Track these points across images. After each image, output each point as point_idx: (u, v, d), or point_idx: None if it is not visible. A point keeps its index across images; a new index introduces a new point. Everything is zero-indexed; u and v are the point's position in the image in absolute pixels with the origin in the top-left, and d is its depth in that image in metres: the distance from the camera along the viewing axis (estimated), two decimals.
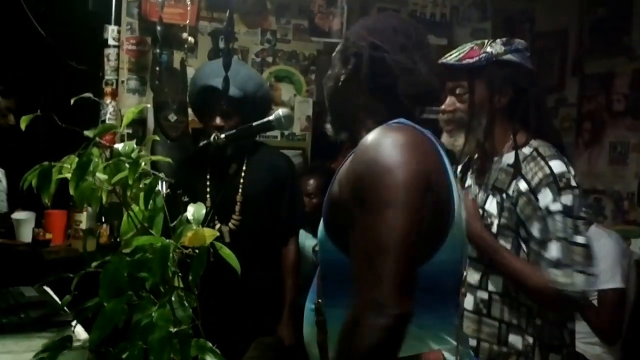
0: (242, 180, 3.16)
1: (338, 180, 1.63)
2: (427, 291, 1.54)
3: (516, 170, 2.23)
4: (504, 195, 2.25)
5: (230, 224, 3.12)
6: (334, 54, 1.82)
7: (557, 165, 2.19)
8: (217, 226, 3.10)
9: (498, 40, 2.33)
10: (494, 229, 2.26)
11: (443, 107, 2.33)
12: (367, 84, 1.72)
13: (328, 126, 1.86)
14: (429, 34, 5.00)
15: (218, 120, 3.11)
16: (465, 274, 1.79)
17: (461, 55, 2.31)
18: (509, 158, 2.28)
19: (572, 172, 2.20)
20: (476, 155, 2.42)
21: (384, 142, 1.55)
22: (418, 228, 1.48)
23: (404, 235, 1.45)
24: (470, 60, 2.29)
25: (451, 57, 2.32)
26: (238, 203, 3.13)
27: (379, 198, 1.48)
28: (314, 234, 2.99)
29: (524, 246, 2.21)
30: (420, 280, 1.50)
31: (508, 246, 2.23)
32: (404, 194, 1.47)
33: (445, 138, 2.33)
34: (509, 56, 2.29)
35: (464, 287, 1.83)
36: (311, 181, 4.07)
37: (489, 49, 2.30)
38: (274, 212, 3.19)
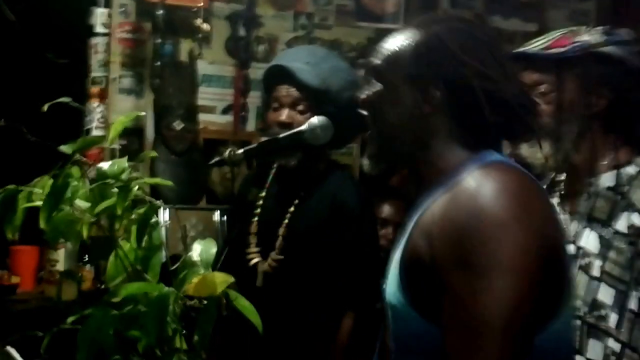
0: (291, 209, 3.15)
1: (424, 231, 1.63)
2: None
3: (618, 196, 2.22)
4: (610, 231, 2.22)
5: (266, 264, 3.11)
6: (387, 67, 1.80)
7: None
8: (254, 261, 3.10)
9: (598, 28, 2.33)
10: (594, 272, 2.23)
11: None
12: (461, 118, 1.74)
13: (367, 161, 1.86)
14: (514, 18, 5.05)
15: (284, 116, 3.06)
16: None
17: (548, 43, 2.32)
18: (607, 179, 2.27)
19: None
20: (563, 175, 2.41)
21: (491, 188, 1.57)
22: (536, 299, 1.51)
23: (519, 309, 1.48)
24: (560, 50, 2.29)
25: (536, 45, 2.33)
26: (280, 238, 3.12)
27: (488, 259, 1.50)
28: None
29: (632, 304, 2.17)
30: (536, 354, 1.53)
31: (609, 299, 2.20)
32: (522, 257, 1.50)
33: (524, 148, 2.31)
34: (610, 48, 2.28)
35: None
36: (386, 206, 4.06)
37: (584, 38, 2.29)
38: (328, 263, 3.11)
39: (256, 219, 3.15)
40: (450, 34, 1.75)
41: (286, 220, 3.10)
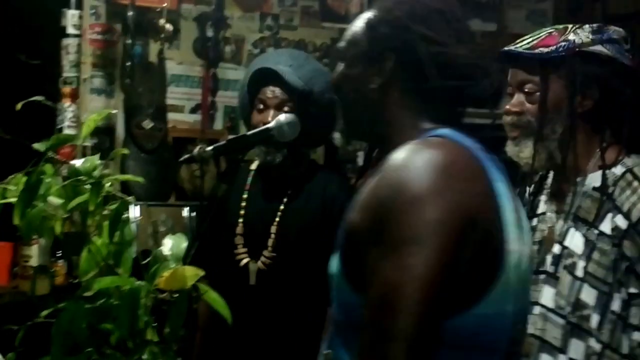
0: (282, 207, 3.15)
1: (358, 204, 1.61)
2: (460, 349, 1.52)
3: (604, 196, 2.19)
4: (594, 231, 2.21)
5: (260, 262, 3.11)
6: (347, 47, 1.79)
7: None
8: (244, 261, 3.09)
9: (586, 27, 2.29)
10: (578, 272, 2.22)
11: (508, 106, 2.30)
12: (414, 87, 1.70)
13: (338, 135, 1.85)
14: (474, 18, 5.06)
15: (270, 117, 3.01)
16: (522, 328, 1.71)
17: (535, 42, 2.29)
18: (594, 179, 2.24)
19: None
20: (551, 174, 2.40)
21: (415, 162, 1.53)
22: (448, 275, 1.47)
23: (428, 283, 1.44)
24: (545, 50, 2.26)
25: (522, 44, 2.30)
26: (272, 236, 3.11)
27: (401, 233, 1.47)
28: None
29: (615, 306, 2.16)
30: (452, 335, 1.49)
31: (592, 300, 2.19)
32: (434, 231, 1.46)
33: (509, 146, 2.30)
34: (598, 47, 2.25)
35: (524, 347, 1.74)
36: None
37: (571, 37, 2.26)
38: (321, 258, 3.11)
39: (241, 220, 3.15)
40: (400, 4, 1.73)
41: (277, 219, 3.09)
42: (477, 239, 1.51)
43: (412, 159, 1.54)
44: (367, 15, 1.78)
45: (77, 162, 1.52)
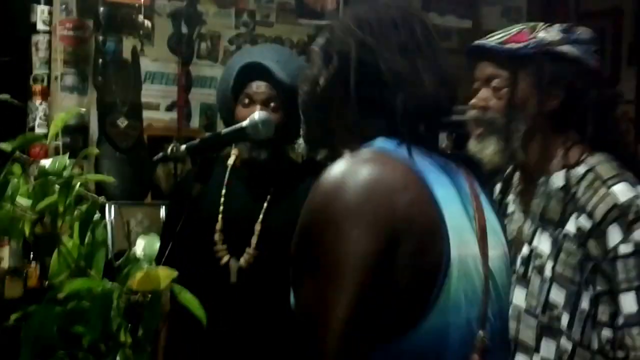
0: (265, 205, 3.12)
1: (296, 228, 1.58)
2: None
3: (567, 197, 2.20)
4: (560, 232, 2.21)
5: (242, 260, 3.08)
6: (313, 47, 1.79)
7: (622, 191, 2.14)
8: (225, 259, 3.07)
9: (556, 26, 2.30)
10: (547, 273, 2.22)
11: (474, 100, 2.31)
12: (352, 93, 1.66)
13: (300, 141, 1.83)
14: (450, 15, 5.09)
15: (256, 112, 3.02)
16: (481, 335, 1.67)
17: (505, 37, 2.29)
18: (558, 180, 2.25)
19: None
20: (517, 173, 2.40)
21: (339, 178, 1.51)
22: (369, 299, 1.44)
23: (341, 314, 1.42)
24: (515, 46, 2.26)
25: (493, 39, 2.31)
26: (255, 233, 3.09)
27: (314, 257, 1.46)
28: None
29: (584, 304, 2.16)
30: (405, 354, 1.48)
31: (561, 300, 2.19)
32: (348, 254, 1.44)
33: (472, 143, 2.30)
34: (566, 47, 2.26)
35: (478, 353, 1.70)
36: None
37: (541, 35, 2.27)
38: None
39: (221, 216, 3.12)
40: (366, 12, 1.72)
41: (262, 216, 3.07)
42: (410, 255, 1.48)
43: (335, 174, 1.52)
44: (343, 14, 1.82)
45: (46, 162, 1.50)
